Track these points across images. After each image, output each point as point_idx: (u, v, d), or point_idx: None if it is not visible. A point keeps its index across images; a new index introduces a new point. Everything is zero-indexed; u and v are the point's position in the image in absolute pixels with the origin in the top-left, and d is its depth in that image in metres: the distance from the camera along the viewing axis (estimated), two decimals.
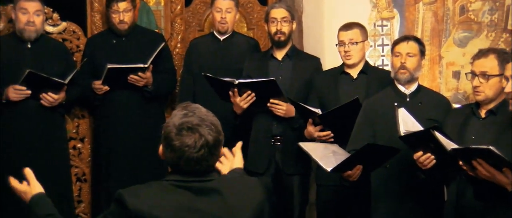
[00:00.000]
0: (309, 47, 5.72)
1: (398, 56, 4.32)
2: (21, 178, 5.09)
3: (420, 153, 3.84)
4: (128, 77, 5.26)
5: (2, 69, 5.12)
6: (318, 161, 4.16)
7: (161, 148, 2.56)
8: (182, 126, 2.46)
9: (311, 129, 4.63)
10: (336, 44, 4.74)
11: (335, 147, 4.35)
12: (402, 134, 3.84)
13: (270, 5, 5.32)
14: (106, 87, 5.32)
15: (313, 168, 5.10)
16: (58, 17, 5.66)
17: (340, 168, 4.07)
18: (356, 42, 4.68)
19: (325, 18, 5.62)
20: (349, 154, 4.19)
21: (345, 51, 4.69)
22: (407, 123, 3.90)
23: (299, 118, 4.82)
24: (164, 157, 2.54)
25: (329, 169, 4.06)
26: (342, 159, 4.09)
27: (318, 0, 5.71)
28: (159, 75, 5.39)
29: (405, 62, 4.27)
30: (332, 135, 4.58)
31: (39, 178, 5.15)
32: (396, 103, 4.20)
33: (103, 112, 5.51)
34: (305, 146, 4.34)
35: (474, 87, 3.90)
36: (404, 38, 4.39)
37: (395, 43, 4.41)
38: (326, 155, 4.21)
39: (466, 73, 4.14)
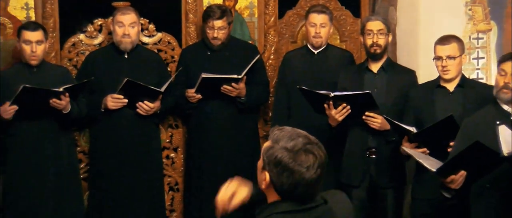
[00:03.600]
0: (402, 60, 5.67)
1: (503, 75, 4.09)
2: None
3: None
4: (221, 88, 5.30)
5: (102, 79, 5.26)
6: (423, 162, 4.09)
7: (267, 177, 2.41)
8: (296, 148, 2.36)
9: (407, 146, 4.57)
10: (433, 59, 4.66)
11: (435, 159, 4.27)
12: (506, 155, 3.72)
13: (366, 17, 5.28)
14: (199, 96, 5.36)
15: (407, 182, 5.04)
16: (154, 28, 5.75)
17: (446, 169, 3.96)
18: (454, 57, 4.58)
19: (420, 31, 5.55)
20: None
21: (443, 66, 4.59)
22: (509, 141, 3.78)
23: (394, 131, 4.77)
24: (274, 186, 2.40)
25: (434, 169, 3.98)
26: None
27: (412, 12, 5.64)
28: (252, 87, 5.41)
29: (509, 82, 4.05)
30: (428, 152, 4.50)
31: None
32: (497, 122, 4.09)
33: (197, 122, 5.56)
34: (408, 150, 4.31)
35: None
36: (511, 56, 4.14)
37: (502, 60, 4.17)
38: (428, 159, 4.16)
39: None
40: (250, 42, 5.80)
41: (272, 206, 2.43)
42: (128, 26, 5.27)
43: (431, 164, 4.05)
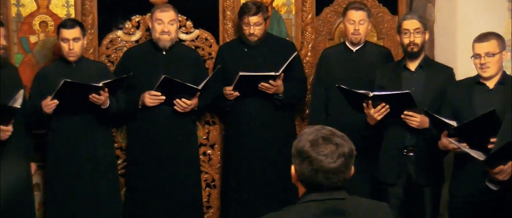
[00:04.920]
0: (440, 57, 5.62)
1: None
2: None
3: None
4: (259, 85, 5.31)
5: (139, 76, 5.28)
6: (470, 152, 4.08)
7: (293, 169, 2.54)
8: (317, 138, 2.48)
9: (445, 141, 4.53)
10: (472, 57, 4.60)
11: (479, 152, 4.23)
12: None
13: (402, 16, 5.25)
14: (237, 93, 5.38)
15: (445, 179, 5.00)
16: (191, 25, 5.78)
17: (494, 159, 3.91)
18: (493, 54, 4.52)
19: (458, 27, 5.50)
20: None
21: (481, 64, 4.53)
22: None
23: (432, 129, 4.73)
24: (298, 176, 2.51)
25: (481, 159, 3.94)
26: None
27: (451, 9, 5.59)
28: (290, 84, 5.41)
29: None
30: (468, 147, 4.46)
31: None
32: None
33: (234, 119, 5.57)
34: (453, 141, 4.29)
35: None
36: None
37: None
38: (474, 150, 4.14)
39: None
40: (287, 39, 5.79)
41: (301, 197, 2.55)
42: (167, 24, 5.30)
43: (478, 154, 4.01)
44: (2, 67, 4.94)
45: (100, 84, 4.93)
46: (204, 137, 5.85)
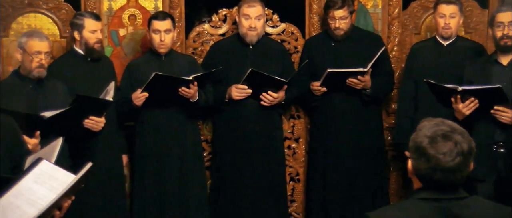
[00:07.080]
0: None
1: None
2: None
3: None
4: (347, 80, 5.28)
5: (226, 70, 5.31)
6: None
7: (410, 163, 2.52)
8: (436, 134, 2.43)
9: None
10: None
11: None
12: None
13: (496, 9, 5.13)
14: (324, 89, 5.36)
15: None
16: (278, 19, 5.77)
17: None
18: None
19: None
20: None
21: None
22: None
23: None
24: (415, 171, 2.49)
25: None
26: None
27: None
28: (378, 78, 5.37)
29: None
30: None
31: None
32: None
33: (320, 113, 5.57)
34: None
35: None
36: None
37: None
38: None
39: None
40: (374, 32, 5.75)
41: (415, 192, 2.52)
42: (254, 19, 5.32)
43: None
44: (98, 60, 5.06)
45: (190, 78, 4.98)
46: (289, 131, 5.86)
